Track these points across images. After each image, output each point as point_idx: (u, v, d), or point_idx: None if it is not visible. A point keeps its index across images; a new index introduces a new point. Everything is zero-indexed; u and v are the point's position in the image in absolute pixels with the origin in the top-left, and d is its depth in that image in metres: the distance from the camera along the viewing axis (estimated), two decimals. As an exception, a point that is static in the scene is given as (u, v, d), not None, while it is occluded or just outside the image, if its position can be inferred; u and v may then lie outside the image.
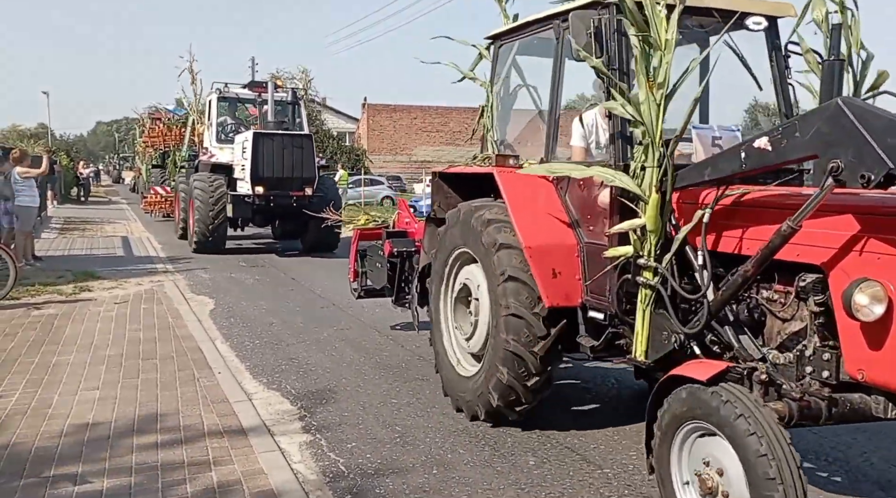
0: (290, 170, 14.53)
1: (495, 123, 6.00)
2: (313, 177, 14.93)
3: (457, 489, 4.31)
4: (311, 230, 15.38)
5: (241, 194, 14.83)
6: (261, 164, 14.30)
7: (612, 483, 4.42)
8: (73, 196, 37.51)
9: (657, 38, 3.94)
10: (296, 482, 4.29)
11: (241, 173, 15.06)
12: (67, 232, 20.02)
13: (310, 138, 15.32)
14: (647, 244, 4.13)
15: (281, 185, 14.54)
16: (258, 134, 14.58)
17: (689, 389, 3.30)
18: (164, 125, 24.90)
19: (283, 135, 14.85)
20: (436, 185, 6.03)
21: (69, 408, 5.46)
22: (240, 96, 17.57)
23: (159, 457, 4.58)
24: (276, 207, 14.86)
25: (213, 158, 16.08)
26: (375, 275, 7.76)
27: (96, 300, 9.84)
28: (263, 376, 6.58)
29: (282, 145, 14.52)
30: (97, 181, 56.15)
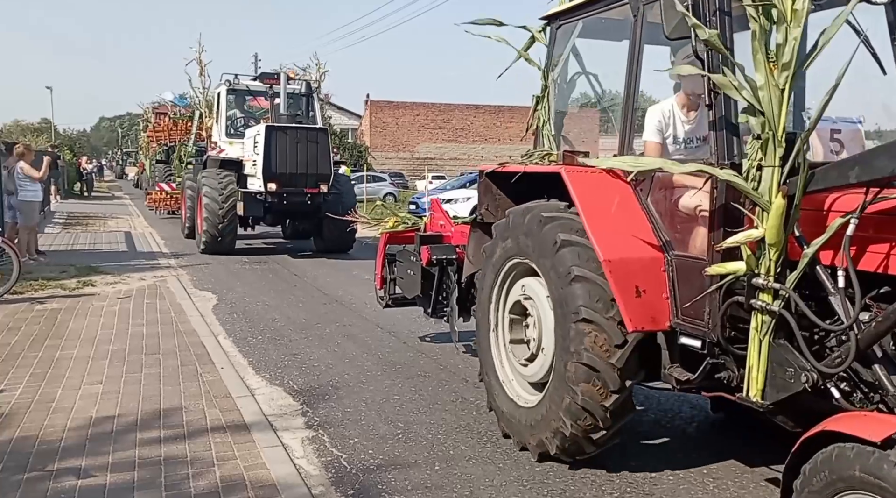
0: (304, 166, 13.68)
1: (552, 116, 5.28)
2: (329, 173, 14.04)
3: (459, 485, 4.32)
4: (326, 229, 14.61)
5: (253, 191, 13.99)
6: (274, 160, 13.47)
7: (615, 480, 4.42)
8: (76, 191, 37.57)
9: (783, 8, 3.29)
10: (298, 477, 4.30)
11: (252, 169, 14.23)
12: (70, 227, 20.06)
13: (325, 132, 14.49)
14: (765, 260, 3.44)
15: (295, 182, 13.71)
16: (271, 127, 13.69)
17: (857, 451, 2.62)
18: (170, 119, 24.21)
19: (297, 128, 13.89)
20: (483, 186, 5.32)
21: (73, 402, 5.48)
22: (250, 88, 16.56)
23: (162, 451, 4.59)
24: (290, 205, 14.06)
25: (222, 154, 15.38)
26: (407, 283, 7.05)
27: (99, 295, 9.86)
28: (266, 372, 6.60)
29: (296, 140, 13.62)
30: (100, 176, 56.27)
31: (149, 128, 27.83)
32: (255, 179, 14.02)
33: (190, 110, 23.36)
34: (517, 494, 4.21)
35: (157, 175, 25.25)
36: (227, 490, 4.08)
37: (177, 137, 23.31)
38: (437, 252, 6.43)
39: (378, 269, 7.51)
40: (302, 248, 16.12)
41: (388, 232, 7.44)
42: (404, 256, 7.06)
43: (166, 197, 22.49)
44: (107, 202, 32.98)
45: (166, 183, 22.70)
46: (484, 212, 5.37)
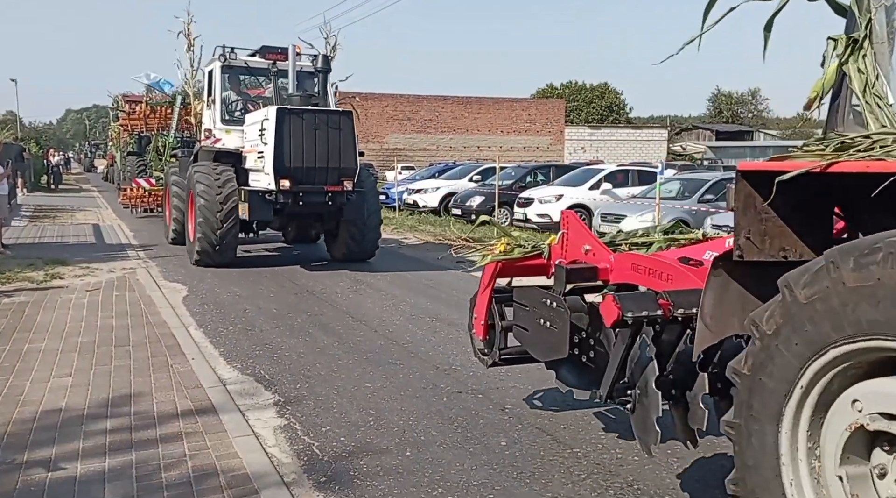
0: (324, 158, 11.01)
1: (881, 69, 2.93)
2: (354, 167, 11.32)
3: (430, 470, 4.39)
4: (346, 234, 12.29)
5: (259, 190, 11.30)
6: (287, 151, 10.75)
7: (582, 462, 4.54)
8: (43, 184, 36.85)
9: None
10: (270, 466, 4.35)
11: (257, 163, 11.47)
12: (38, 220, 19.71)
13: (349, 117, 11.38)
14: None
15: (312, 178, 11.06)
16: (283, 110, 10.86)
17: None
18: (147, 106, 21.64)
19: (315, 112, 11.10)
20: (743, 197, 2.90)
21: (41, 395, 5.44)
22: (249, 65, 13.24)
23: (133, 443, 4.59)
24: (306, 207, 11.34)
25: (218, 144, 12.70)
26: (540, 339, 4.64)
27: (67, 287, 9.75)
28: (237, 362, 6.60)
29: (313, 126, 10.91)
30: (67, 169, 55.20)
31: (121, 116, 25.08)
32: (262, 175, 11.39)
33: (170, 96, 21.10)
34: (487, 478, 4.30)
35: (128, 168, 23.72)
36: (198, 480, 4.10)
37: (154, 126, 21.21)
38: (632, 305, 3.78)
39: (480, 312, 5.15)
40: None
41: (500, 261, 5.05)
42: (534, 299, 4.72)
43: (143, 194, 20.18)
44: (74, 195, 32.39)
45: (143, 178, 20.61)
46: (744, 242, 2.95)
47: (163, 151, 20.43)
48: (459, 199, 20.26)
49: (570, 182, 18.50)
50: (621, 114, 66.01)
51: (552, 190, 18.33)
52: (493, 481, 4.26)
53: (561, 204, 17.44)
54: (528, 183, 20.46)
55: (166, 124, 20.45)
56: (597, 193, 17.50)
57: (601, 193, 17.46)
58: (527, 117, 46.58)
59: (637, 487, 4.21)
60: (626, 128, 53.93)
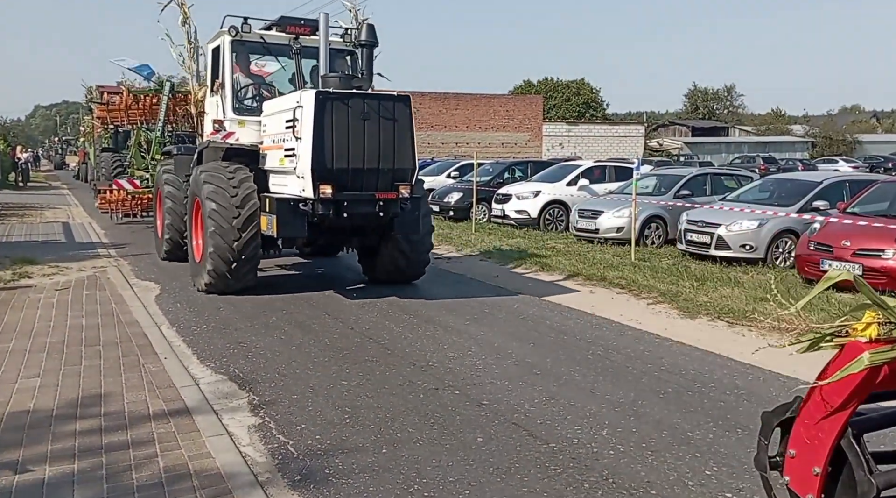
0: (374, 157, 8.52)
1: None
2: (413, 168, 8.89)
3: (406, 467, 4.37)
4: (391, 249, 9.92)
5: (291, 199, 8.77)
6: (329, 148, 8.30)
7: (558, 457, 4.54)
8: (10, 182, 36.16)
9: None
10: (244, 465, 4.29)
11: (284, 163, 9.07)
12: (5, 218, 19.31)
13: (407, 103, 8.86)
14: None
15: (360, 183, 8.55)
16: (324, 95, 8.35)
17: None
18: (129, 94, 18.57)
19: (363, 97, 8.58)
20: None
21: (9, 396, 5.32)
22: (266, 41, 10.37)
23: (103, 443, 4.51)
24: (351, 219, 8.78)
25: (231, 138, 10.13)
26: None
27: (36, 287, 9.56)
28: (211, 361, 6.52)
29: (361, 114, 8.44)
30: (36, 166, 54.20)
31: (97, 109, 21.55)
32: (292, 179, 8.92)
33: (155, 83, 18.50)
34: (463, 474, 4.29)
35: (103, 166, 21.38)
36: (170, 480, 4.04)
37: (137, 118, 18.31)
38: None
39: (817, 453, 2.95)
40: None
41: (871, 366, 2.73)
42: None
43: (125, 198, 17.35)
44: (44, 192, 31.81)
45: (125, 178, 18.01)
46: None
47: (148, 148, 18.04)
48: (437, 195, 20.20)
49: (548, 178, 18.52)
50: (598, 110, 66.34)
51: (530, 186, 18.22)
52: (469, 477, 4.24)
53: (539, 200, 17.48)
54: (506, 179, 20.45)
55: (151, 116, 17.87)
56: (574, 190, 17.57)
57: (578, 190, 17.53)
58: (505, 113, 46.61)
59: (612, 481, 4.22)
60: (604, 124, 54.19)
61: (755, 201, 12.73)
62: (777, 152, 51.81)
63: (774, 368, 6.50)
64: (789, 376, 6.25)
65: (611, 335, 7.66)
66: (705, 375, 6.31)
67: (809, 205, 11.82)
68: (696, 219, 12.61)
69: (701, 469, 4.39)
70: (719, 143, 59.93)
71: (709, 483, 4.22)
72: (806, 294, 8.61)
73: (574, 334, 7.66)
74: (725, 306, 8.72)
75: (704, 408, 5.46)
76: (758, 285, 9.95)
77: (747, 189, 13.81)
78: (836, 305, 8.51)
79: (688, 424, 5.13)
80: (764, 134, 66.63)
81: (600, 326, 8.09)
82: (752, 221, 11.85)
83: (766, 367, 6.53)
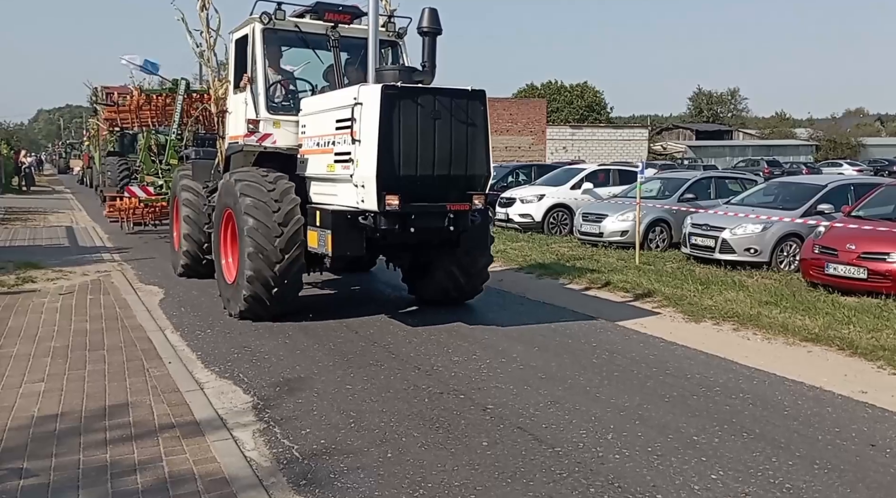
0: (445, 162, 7.36)
1: None
2: (488, 174, 7.75)
3: (411, 471, 4.36)
4: (447, 265, 8.74)
5: (347, 211, 7.60)
6: (397, 152, 7.14)
7: (564, 461, 4.52)
8: (14, 186, 36.26)
9: None
10: (249, 469, 4.29)
11: (334, 170, 7.80)
12: (9, 222, 19.37)
13: (482, 99, 7.62)
14: None
15: (430, 193, 7.35)
16: (391, 90, 7.12)
17: None
18: (140, 94, 17.35)
19: (435, 93, 7.39)
20: None
21: (13, 401, 5.32)
22: (301, 29, 9.10)
23: (108, 448, 4.51)
24: (419, 235, 7.54)
25: (268, 141, 8.72)
26: None
27: (40, 291, 9.57)
28: (216, 365, 6.52)
29: (432, 113, 7.28)
30: (39, 171, 54.37)
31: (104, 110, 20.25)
32: (345, 188, 7.72)
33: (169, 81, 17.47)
34: (468, 478, 4.27)
35: (109, 171, 20.56)
36: (175, 484, 4.03)
37: (149, 120, 17.10)
38: None
39: None
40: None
41: None
42: None
43: (137, 206, 16.19)
44: (47, 197, 31.90)
45: (138, 185, 16.82)
46: None
47: (159, 151, 17.16)
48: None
49: (552, 182, 18.52)
50: (602, 113, 66.35)
51: (534, 190, 18.17)
52: (474, 482, 4.23)
53: (542, 204, 17.46)
54: (510, 183, 20.47)
55: (164, 117, 16.80)
56: (578, 193, 17.56)
57: (582, 193, 17.51)
58: (508, 117, 46.63)
59: (618, 485, 4.20)
60: (608, 127, 54.24)
61: (760, 205, 12.70)
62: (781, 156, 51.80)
63: (780, 371, 6.48)
64: (795, 380, 6.23)
65: (615, 339, 7.64)
66: (710, 378, 6.29)
67: (814, 208, 11.79)
68: (700, 222, 12.58)
69: (707, 473, 4.37)
70: (723, 147, 59.91)
71: (714, 487, 4.20)
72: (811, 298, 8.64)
73: (578, 338, 7.64)
74: (730, 310, 8.69)
75: (710, 412, 5.44)
76: (763, 289, 9.93)
77: (752, 193, 13.78)
78: (842, 310, 8.49)
79: (693, 427, 5.11)
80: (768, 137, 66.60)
81: (604, 329, 8.07)
82: (757, 225, 11.83)
83: (772, 370, 6.51)
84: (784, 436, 4.99)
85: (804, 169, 39.03)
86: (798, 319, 8.22)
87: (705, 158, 50.00)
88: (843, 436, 5.01)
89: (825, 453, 4.71)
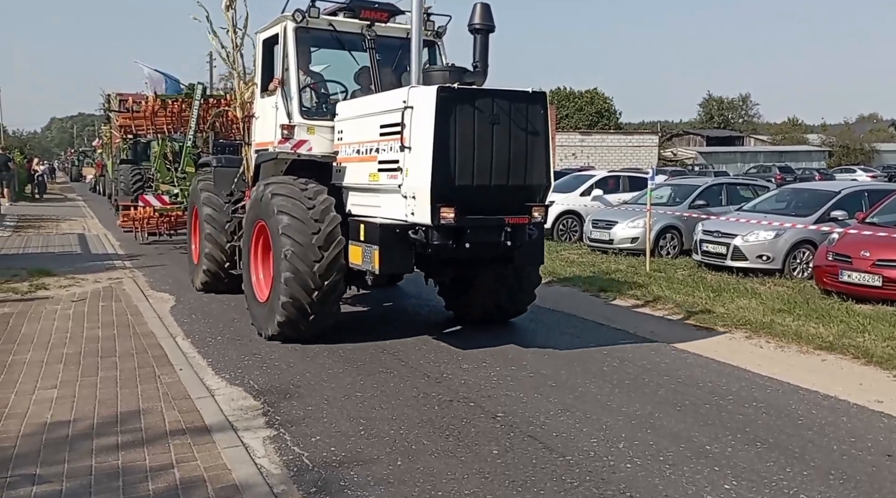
0: (503, 171, 6.71)
1: None
2: (547, 185, 7.06)
3: (421, 480, 4.34)
4: (494, 282, 8.19)
5: (396, 225, 6.95)
6: (453, 160, 6.50)
7: (575, 470, 4.50)
8: (27, 194, 36.59)
9: None
10: (259, 477, 4.29)
11: (379, 179, 7.15)
12: (22, 230, 19.52)
13: (543, 102, 6.98)
14: None
15: (486, 205, 6.75)
16: (449, 93, 6.49)
17: None
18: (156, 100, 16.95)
19: (493, 95, 6.70)
20: None
21: (26, 407, 5.35)
22: (336, 28, 8.43)
23: (120, 455, 4.52)
24: (474, 250, 6.92)
25: (302, 148, 8.06)
26: None
27: (53, 298, 9.63)
28: (226, 372, 6.53)
29: (490, 118, 6.62)
30: (52, 178, 54.83)
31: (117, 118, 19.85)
32: (390, 199, 7.08)
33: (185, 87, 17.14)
34: (479, 487, 4.25)
35: (122, 179, 20.15)
36: (186, 491, 4.04)
37: (164, 126, 16.69)
38: None
39: None
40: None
41: None
42: None
43: (152, 215, 15.57)
44: (59, 204, 32.15)
45: (153, 193, 16.21)
46: None
47: (174, 158, 16.68)
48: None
49: (562, 188, 18.44)
50: (611, 120, 66.21)
51: None
52: (485, 490, 4.21)
53: (552, 210, 17.35)
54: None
55: (180, 124, 16.43)
56: (588, 200, 17.50)
57: (592, 200, 17.45)
58: (517, 124, 46.59)
59: (630, 495, 4.17)
60: (617, 134, 54.10)
61: (772, 211, 12.63)
62: (793, 162, 51.47)
63: (793, 380, 6.42)
64: (808, 389, 6.18)
65: (626, 346, 7.61)
66: (723, 387, 6.24)
67: (827, 215, 11.72)
68: (712, 229, 12.52)
69: (720, 483, 4.33)
70: (734, 153, 59.62)
71: (728, 497, 4.16)
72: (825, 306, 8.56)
73: (588, 345, 7.61)
74: (743, 318, 8.64)
75: (722, 421, 5.40)
76: (776, 297, 9.86)
77: (764, 199, 13.71)
78: (857, 318, 8.42)
79: (706, 436, 5.07)
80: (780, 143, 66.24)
81: (614, 336, 8.03)
82: (769, 232, 11.76)
83: (785, 379, 6.45)
84: (798, 445, 4.94)
85: (817, 175, 38.83)
86: (812, 327, 8.16)
87: (716, 165, 49.79)
88: (859, 446, 4.96)
89: (840, 464, 4.66)
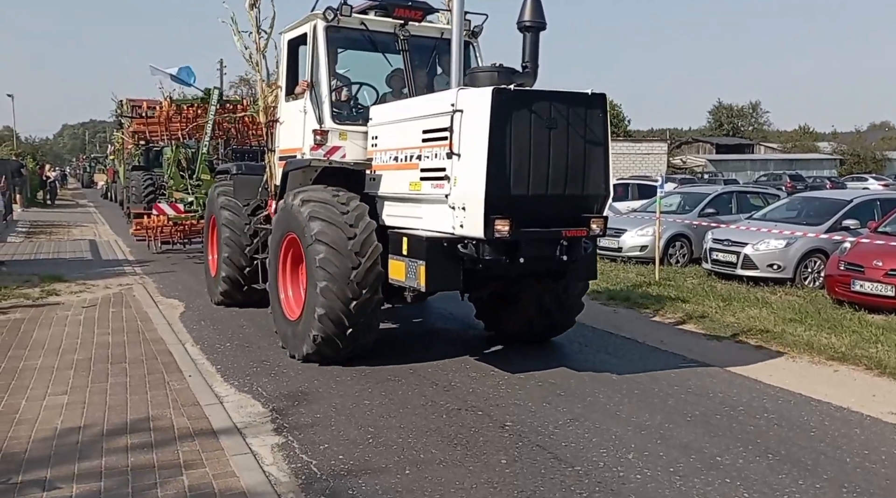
0: (560, 180, 6.15)
1: None
2: (606, 194, 6.47)
3: (430, 489, 4.33)
4: (538, 297, 7.58)
5: (443, 238, 6.34)
6: (508, 169, 5.92)
7: (584, 480, 4.47)
8: (39, 200, 36.87)
9: None
10: (268, 484, 4.29)
11: (422, 189, 6.61)
12: (34, 236, 19.67)
13: (602, 105, 6.38)
14: None
15: (542, 217, 6.19)
16: (505, 95, 5.90)
17: None
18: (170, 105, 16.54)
19: (550, 97, 6.12)
20: None
21: (37, 413, 5.38)
22: (368, 28, 7.90)
23: (129, 461, 4.53)
24: (525, 266, 6.28)
25: (336, 154, 7.53)
26: None
27: (63, 304, 9.69)
28: (235, 379, 6.54)
29: (546, 123, 6.05)
30: (63, 184, 55.22)
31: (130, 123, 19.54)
32: (435, 210, 6.53)
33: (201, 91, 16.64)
34: (487, 497, 4.23)
35: (134, 186, 19.94)
36: (195, 499, 4.04)
37: (179, 132, 16.34)
38: None
39: None
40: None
41: None
42: None
43: (165, 224, 14.99)
44: (71, 210, 32.38)
45: (167, 202, 15.75)
46: None
47: (188, 165, 16.20)
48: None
49: (570, 196, 18.42)
50: (620, 127, 66.11)
51: None
52: (493, 500, 4.19)
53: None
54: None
55: (195, 129, 15.97)
56: (596, 207, 17.43)
57: (600, 207, 17.39)
58: (526, 132, 46.58)
59: (640, 506, 4.14)
60: (626, 141, 53.97)
61: (783, 220, 12.56)
62: (804, 170, 51.26)
63: (805, 391, 6.37)
64: (821, 400, 6.13)
65: (635, 355, 7.57)
66: (734, 397, 6.20)
67: (839, 224, 11.65)
68: (722, 238, 12.46)
69: (731, 495, 4.30)
70: (744, 161, 59.42)
71: (739, 509, 4.13)
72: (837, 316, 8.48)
73: (596, 353, 7.57)
74: (753, 327, 8.59)
75: (733, 432, 5.36)
76: (787, 306, 9.80)
77: (774, 207, 13.64)
78: (869, 328, 8.35)
79: (716, 448, 5.03)
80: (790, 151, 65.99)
81: (622, 344, 7.99)
82: (780, 241, 11.70)
83: (797, 390, 6.40)
84: (811, 458, 4.90)
85: (828, 183, 38.64)
86: (824, 337, 8.10)
87: (726, 172, 49.64)
88: (873, 459, 4.91)
89: (854, 476, 4.61)
